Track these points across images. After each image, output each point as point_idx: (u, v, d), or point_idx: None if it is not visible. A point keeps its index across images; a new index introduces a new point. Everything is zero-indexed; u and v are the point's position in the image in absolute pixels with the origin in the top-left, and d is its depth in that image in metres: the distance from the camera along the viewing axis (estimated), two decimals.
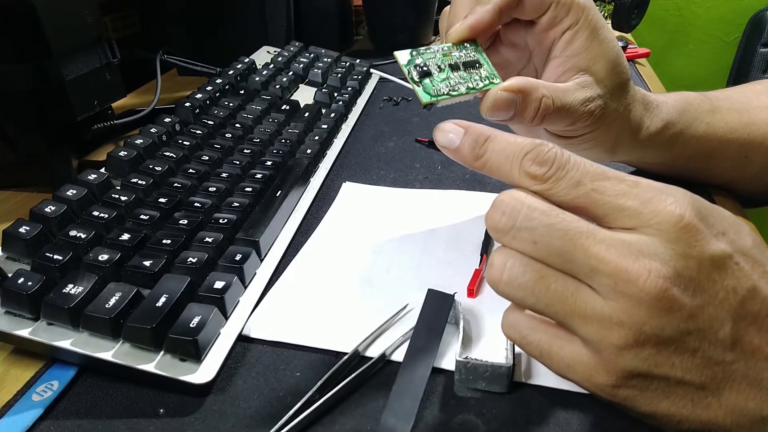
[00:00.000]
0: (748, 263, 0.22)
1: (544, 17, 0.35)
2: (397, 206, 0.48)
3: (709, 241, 0.22)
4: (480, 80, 0.33)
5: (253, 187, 0.45)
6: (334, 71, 0.72)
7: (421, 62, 0.32)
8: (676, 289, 0.21)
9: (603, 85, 0.35)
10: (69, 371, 0.32)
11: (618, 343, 0.22)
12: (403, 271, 0.40)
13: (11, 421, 0.29)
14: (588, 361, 0.24)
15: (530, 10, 0.35)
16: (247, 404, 0.30)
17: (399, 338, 0.34)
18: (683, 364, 0.22)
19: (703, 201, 0.23)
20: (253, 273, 0.39)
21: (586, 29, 0.35)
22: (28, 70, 0.46)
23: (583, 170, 0.23)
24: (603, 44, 0.35)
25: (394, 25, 0.91)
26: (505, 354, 0.32)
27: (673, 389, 0.23)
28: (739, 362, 0.22)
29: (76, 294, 0.32)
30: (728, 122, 0.43)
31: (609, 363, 0.23)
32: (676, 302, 0.21)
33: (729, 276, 0.22)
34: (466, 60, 0.34)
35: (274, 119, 0.57)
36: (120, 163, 0.45)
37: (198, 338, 0.31)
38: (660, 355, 0.22)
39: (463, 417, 0.29)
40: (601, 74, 0.35)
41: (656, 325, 0.21)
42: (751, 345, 0.22)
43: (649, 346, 0.22)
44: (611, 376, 0.23)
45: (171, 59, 0.72)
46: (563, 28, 0.35)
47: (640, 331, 0.22)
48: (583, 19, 0.35)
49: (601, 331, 0.22)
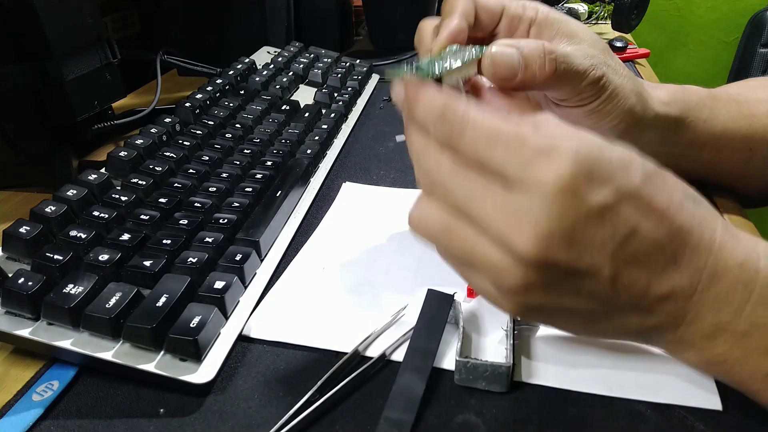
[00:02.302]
0: (630, 206, 0.24)
1: (501, 25, 0.36)
2: (397, 206, 0.48)
3: (585, 198, 0.24)
4: (472, 53, 0.31)
5: (253, 187, 0.45)
6: (334, 71, 0.72)
7: (413, 65, 0.31)
8: (552, 248, 0.24)
9: (593, 49, 0.35)
10: (69, 371, 0.32)
11: (510, 288, 0.25)
12: (403, 271, 0.40)
13: (11, 421, 0.29)
14: (493, 292, 0.27)
15: (487, 21, 0.36)
16: (247, 404, 0.31)
17: (399, 338, 0.34)
18: (570, 300, 0.26)
19: (590, 148, 0.24)
20: (253, 273, 0.39)
21: (547, 19, 0.35)
22: (28, 70, 0.46)
23: (478, 132, 0.25)
24: (570, 23, 0.36)
25: (394, 25, 0.91)
26: (504, 354, 0.32)
27: (567, 314, 0.27)
28: (620, 294, 0.26)
29: (77, 294, 0.32)
30: (729, 111, 0.43)
31: (507, 299, 0.27)
32: (552, 258, 0.24)
33: (606, 225, 0.24)
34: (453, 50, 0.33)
35: (274, 119, 0.57)
36: (120, 163, 0.45)
37: (198, 338, 0.31)
38: (548, 295, 0.26)
39: (463, 417, 0.29)
40: (584, 43, 0.35)
41: (539, 276, 0.25)
42: (630, 279, 0.25)
43: (535, 289, 0.25)
44: (512, 307, 0.27)
45: (171, 59, 0.72)
46: (525, 27, 0.36)
47: (526, 281, 0.25)
48: (539, 12, 0.35)
49: (496, 277, 0.26)
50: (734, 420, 0.29)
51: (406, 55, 0.88)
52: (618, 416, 0.29)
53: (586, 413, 0.29)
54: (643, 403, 0.30)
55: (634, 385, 0.31)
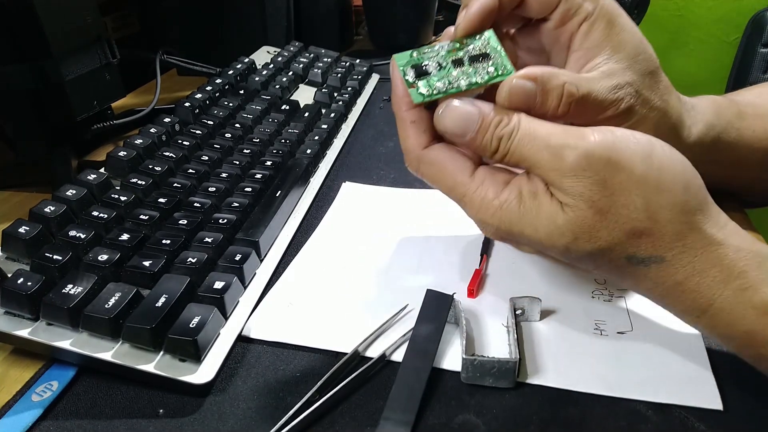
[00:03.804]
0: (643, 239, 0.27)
1: (555, 12, 0.33)
2: (397, 206, 0.48)
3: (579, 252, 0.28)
4: (486, 73, 0.30)
5: (253, 187, 0.45)
6: (334, 71, 0.72)
7: (419, 62, 0.30)
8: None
9: (631, 73, 0.33)
10: (68, 371, 0.32)
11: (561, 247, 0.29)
12: (403, 271, 0.40)
13: (11, 421, 0.29)
14: None
15: (538, 6, 0.33)
16: (247, 404, 0.30)
17: (399, 338, 0.34)
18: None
19: (604, 194, 0.27)
20: (253, 273, 0.39)
21: (603, 18, 0.33)
22: (28, 70, 0.46)
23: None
24: (623, 31, 0.33)
25: (394, 25, 0.91)
26: (509, 350, 0.32)
27: None
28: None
29: (76, 294, 0.32)
30: (755, 130, 0.42)
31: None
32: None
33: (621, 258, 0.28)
34: (475, 53, 0.30)
35: (274, 119, 0.57)
36: (120, 163, 0.45)
37: (198, 338, 0.31)
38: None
39: (463, 417, 0.29)
40: (626, 62, 0.33)
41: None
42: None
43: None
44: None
45: (171, 59, 0.72)
46: (579, 20, 0.33)
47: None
48: (599, 8, 0.33)
49: None
50: (735, 420, 0.29)
51: None
52: (618, 416, 0.29)
53: (586, 413, 0.29)
54: (643, 403, 0.30)
55: (634, 385, 0.31)
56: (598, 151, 0.27)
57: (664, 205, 0.27)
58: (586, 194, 0.27)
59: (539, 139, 0.28)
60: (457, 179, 0.30)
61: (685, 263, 0.27)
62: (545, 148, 0.28)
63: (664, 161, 0.28)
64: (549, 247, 0.29)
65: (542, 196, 0.28)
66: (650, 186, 0.27)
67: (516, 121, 0.29)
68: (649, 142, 0.28)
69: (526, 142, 0.28)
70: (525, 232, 0.29)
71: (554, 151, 0.27)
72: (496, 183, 0.29)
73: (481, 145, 0.29)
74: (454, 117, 0.29)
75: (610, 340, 0.33)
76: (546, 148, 0.28)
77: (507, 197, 0.29)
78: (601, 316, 0.35)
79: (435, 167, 0.31)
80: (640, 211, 0.27)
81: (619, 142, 0.27)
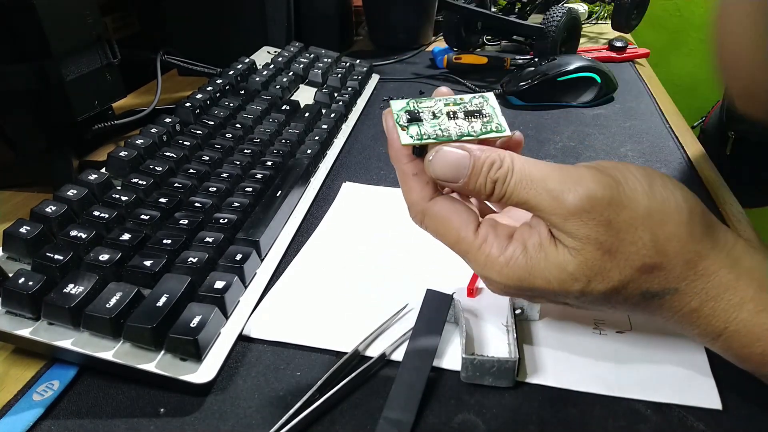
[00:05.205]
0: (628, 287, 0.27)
1: None
2: (397, 206, 0.48)
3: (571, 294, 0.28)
4: (481, 127, 0.29)
5: (254, 187, 0.45)
6: (334, 71, 0.72)
7: (415, 109, 0.30)
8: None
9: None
10: (70, 371, 0.32)
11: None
12: (403, 271, 0.40)
13: (12, 420, 0.29)
14: None
15: None
16: (247, 404, 0.31)
17: (399, 338, 0.34)
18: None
19: (602, 250, 0.26)
20: (254, 273, 0.39)
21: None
22: (28, 70, 0.46)
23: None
24: None
25: (394, 26, 0.91)
26: (508, 349, 0.32)
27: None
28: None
29: (77, 294, 0.32)
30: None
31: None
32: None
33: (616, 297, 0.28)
34: (471, 109, 0.30)
35: (275, 119, 0.57)
36: (120, 163, 0.45)
37: (198, 338, 0.31)
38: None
39: (463, 417, 0.29)
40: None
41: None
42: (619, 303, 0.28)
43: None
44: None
45: (171, 59, 0.72)
46: None
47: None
48: None
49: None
50: (734, 420, 0.29)
51: (406, 56, 0.88)
52: (618, 416, 0.29)
53: (586, 413, 0.29)
54: (643, 402, 0.30)
55: (633, 385, 0.31)
56: (600, 192, 0.26)
57: (671, 237, 0.26)
58: (592, 236, 0.26)
59: (536, 182, 0.27)
60: (461, 234, 0.29)
61: (699, 290, 0.27)
62: (544, 191, 0.27)
63: (665, 192, 0.27)
64: (564, 295, 0.28)
65: (548, 247, 0.27)
66: (655, 219, 0.26)
67: (509, 162, 0.28)
68: (647, 174, 0.27)
69: (524, 185, 0.27)
70: (536, 284, 0.28)
71: (554, 195, 0.27)
72: (500, 238, 0.29)
73: (476, 189, 0.28)
74: (443, 162, 0.28)
75: (610, 339, 0.33)
76: (545, 191, 0.27)
77: (512, 253, 0.28)
78: (601, 316, 0.35)
79: (439, 221, 0.30)
80: (649, 247, 0.26)
81: (618, 179, 0.27)
